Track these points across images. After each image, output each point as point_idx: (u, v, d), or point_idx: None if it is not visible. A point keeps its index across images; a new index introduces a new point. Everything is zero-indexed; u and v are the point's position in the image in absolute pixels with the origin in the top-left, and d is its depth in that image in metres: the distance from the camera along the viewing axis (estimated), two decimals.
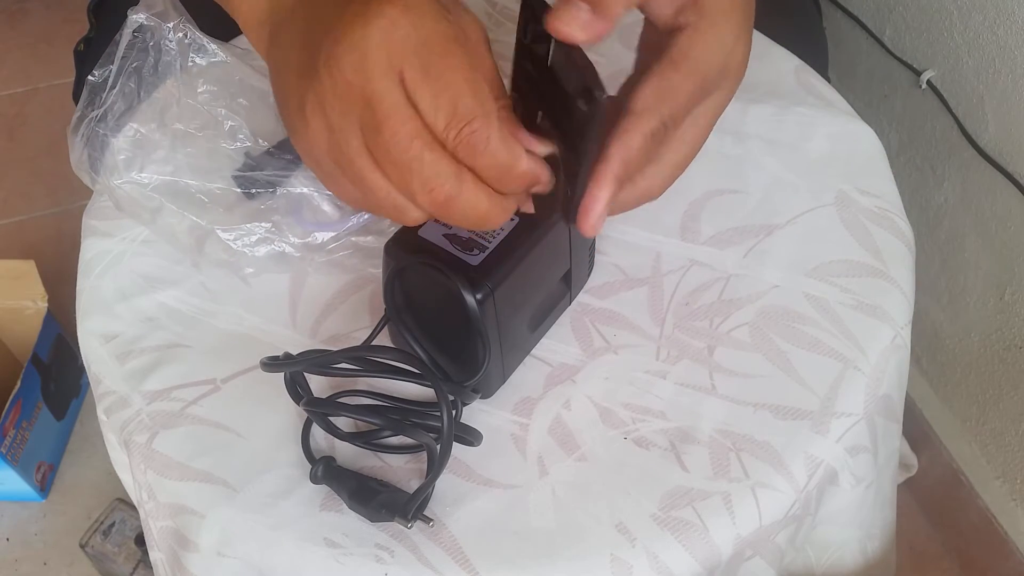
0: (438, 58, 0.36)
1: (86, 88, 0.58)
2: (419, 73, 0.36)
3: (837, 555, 0.59)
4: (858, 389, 0.52)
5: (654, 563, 0.47)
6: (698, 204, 0.61)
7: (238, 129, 0.58)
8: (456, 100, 0.36)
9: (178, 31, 0.57)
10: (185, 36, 0.58)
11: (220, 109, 0.58)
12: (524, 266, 0.47)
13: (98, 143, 0.57)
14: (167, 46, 0.57)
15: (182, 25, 0.57)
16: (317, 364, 0.48)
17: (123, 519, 1.06)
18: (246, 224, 0.57)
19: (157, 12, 0.57)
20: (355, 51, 0.37)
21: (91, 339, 0.57)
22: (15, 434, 1.10)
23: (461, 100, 0.36)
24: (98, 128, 0.57)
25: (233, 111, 0.58)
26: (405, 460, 0.51)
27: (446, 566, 0.46)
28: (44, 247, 1.42)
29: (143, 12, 0.57)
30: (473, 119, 0.36)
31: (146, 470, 0.52)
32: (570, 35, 0.36)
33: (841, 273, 0.57)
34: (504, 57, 0.40)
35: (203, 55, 0.58)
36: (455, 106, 0.36)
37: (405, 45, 0.36)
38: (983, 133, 0.87)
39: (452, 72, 0.36)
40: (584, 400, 0.52)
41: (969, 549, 1.06)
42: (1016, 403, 0.93)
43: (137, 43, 0.57)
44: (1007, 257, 0.89)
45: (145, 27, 0.57)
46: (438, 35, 0.36)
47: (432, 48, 0.36)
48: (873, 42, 0.99)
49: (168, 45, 0.57)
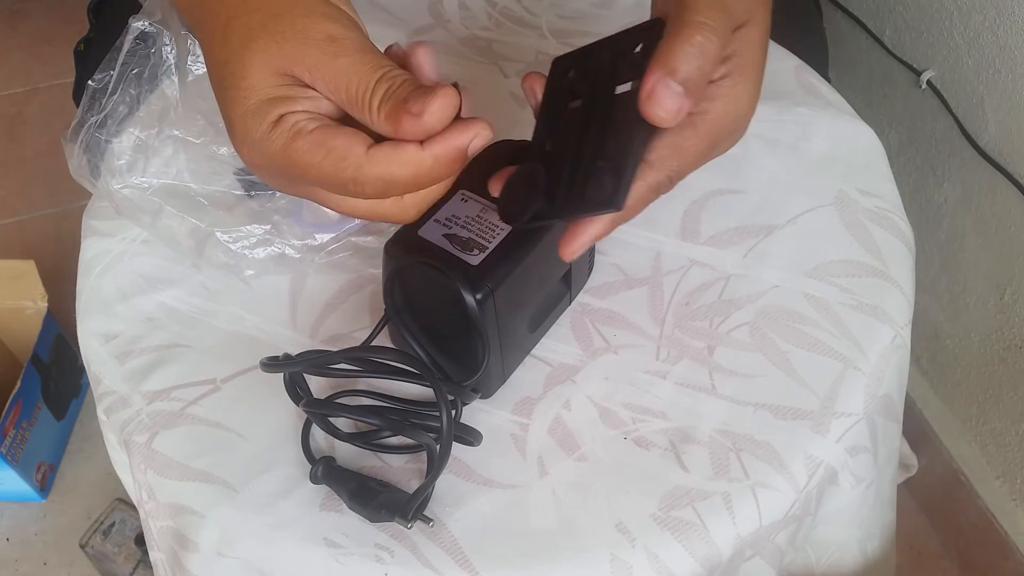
0: (292, 168, 0.39)
1: (86, 93, 0.58)
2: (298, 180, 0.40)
3: (837, 555, 0.59)
4: (858, 389, 0.52)
5: (654, 563, 0.47)
6: (698, 204, 0.61)
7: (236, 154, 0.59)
8: (332, 186, 0.39)
9: (178, 38, 0.58)
10: (186, 43, 0.58)
11: (220, 137, 0.58)
12: (524, 266, 0.47)
13: (98, 148, 0.57)
14: (167, 53, 0.58)
15: (183, 32, 0.58)
16: (316, 364, 0.48)
17: (123, 519, 1.06)
18: (246, 226, 0.58)
19: (158, 19, 0.57)
20: (260, 174, 0.41)
21: (91, 339, 0.57)
22: (15, 434, 1.10)
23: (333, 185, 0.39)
24: (98, 134, 0.57)
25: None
26: (405, 460, 0.51)
27: (446, 566, 0.46)
28: (44, 247, 1.42)
29: (144, 19, 0.57)
30: (350, 182, 0.38)
31: (146, 470, 0.52)
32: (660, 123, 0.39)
33: (841, 273, 0.57)
34: (505, 58, 0.40)
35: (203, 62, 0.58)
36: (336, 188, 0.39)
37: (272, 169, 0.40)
38: (983, 133, 0.87)
39: (308, 170, 0.38)
40: (584, 400, 0.52)
41: (969, 549, 1.06)
42: (1016, 403, 0.93)
43: (138, 49, 0.57)
44: (1007, 257, 0.89)
45: (146, 34, 0.57)
46: (277, 152, 0.39)
47: (282, 165, 0.39)
48: (873, 42, 0.99)
49: (168, 52, 0.58)
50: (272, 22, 0.39)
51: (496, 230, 0.47)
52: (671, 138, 0.41)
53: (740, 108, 0.42)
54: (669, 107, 0.38)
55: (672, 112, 0.38)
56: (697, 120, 0.41)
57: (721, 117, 0.41)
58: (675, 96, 0.38)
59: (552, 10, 0.74)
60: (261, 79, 0.38)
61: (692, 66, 0.38)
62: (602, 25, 0.72)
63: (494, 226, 0.47)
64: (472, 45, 0.71)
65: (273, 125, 0.38)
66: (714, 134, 0.42)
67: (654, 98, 0.38)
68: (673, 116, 0.38)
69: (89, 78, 0.58)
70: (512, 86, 0.68)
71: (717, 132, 0.42)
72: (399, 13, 0.74)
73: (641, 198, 0.41)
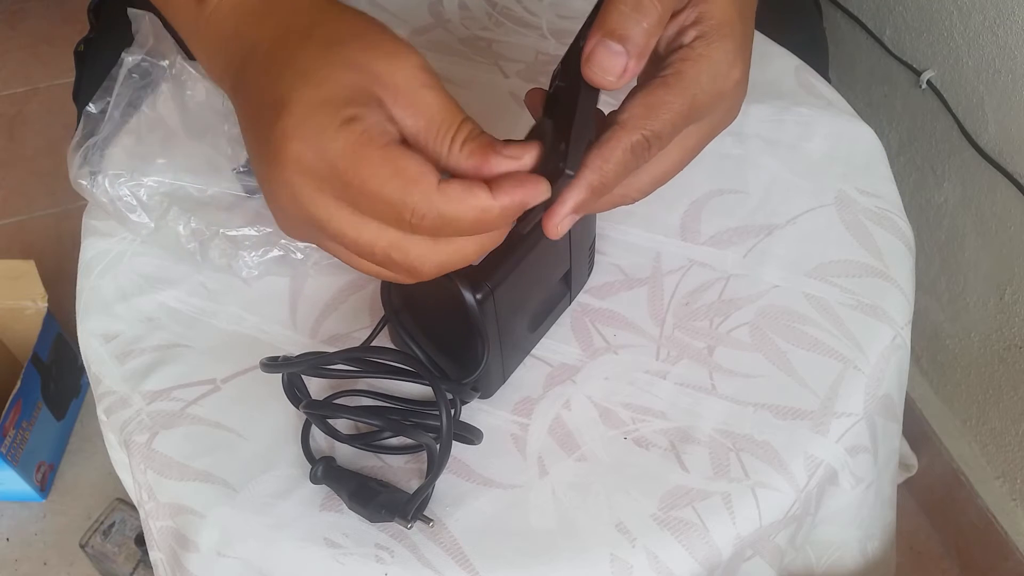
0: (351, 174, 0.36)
1: (83, 119, 0.58)
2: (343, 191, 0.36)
3: (837, 555, 0.59)
4: (858, 389, 0.52)
5: (654, 563, 0.47)
6: (698, 204, 0.61)
7: (237, 150, 0.59)
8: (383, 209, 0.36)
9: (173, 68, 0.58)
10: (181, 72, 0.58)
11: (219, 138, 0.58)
12: (524, 266, 0.47)
13: (97, 161, 0.58)
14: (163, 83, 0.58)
15: (177, 62, 0.58)
16: (315, 365, 0.48)
17: (123, 519, 1.06)
18: (247, 226, 0.58)
19: (151, 50, 0.57)
20: (283, 189, 0.37)
21: (91, 339, 0.57)
22: (15, 434, 1.10)
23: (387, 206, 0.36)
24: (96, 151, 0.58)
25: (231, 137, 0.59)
26: (405, 460, 0.51)
27: (446, 566, 0.46)
28: (44, 247, 1.42)
29: (138, 52, 0.57)
30: (410, 210, 0.36)
31: (146, 470, 0.52)
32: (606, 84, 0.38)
33: (841, 273, 0.57)
34: (505, 58, 0.40)
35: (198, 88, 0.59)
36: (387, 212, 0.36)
37: (318, 172, 0.36)
38: (983, 133, 0.87)
39: (369, 181, 0.35)
40: (584, 400, 0.52)
41: (969, 549, 1.06)
42: (1016, 403, 0.93)
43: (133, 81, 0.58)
44: (1007, 257, 0.89)
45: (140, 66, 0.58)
46: (339, 152, 0.36)
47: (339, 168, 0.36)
48: (873, 42, 0.99)
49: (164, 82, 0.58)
50: (366, 36, 0.37)
51: None
52: (642, 97, 0.40)
53: (719, 67, 0.41)
54: (609, 67, 0.38)
55: (614, 72, 0.38)
56: (671, 79, 0.40)
57: (698, 75, 0.40)
58: (614, 55, 0.37)
59: (552, 10, 0.74)
60: (340, 77, 0.36)
61: (628, 25, 0.38)
62: None
63: None
64: (472, 45, 0.71)
65: (344, 123, 0.35)
66: (692, 94, 0.40)
67: (593, 60, 0.38)
68: (617, 76, 0.38)
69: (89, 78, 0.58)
70: (512, 86, 0.68)
71: (695, 92, 0.41)
72: (399, 13, 0.74)
73: (618, 161, 0.39)
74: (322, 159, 0.36)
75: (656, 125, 0.40)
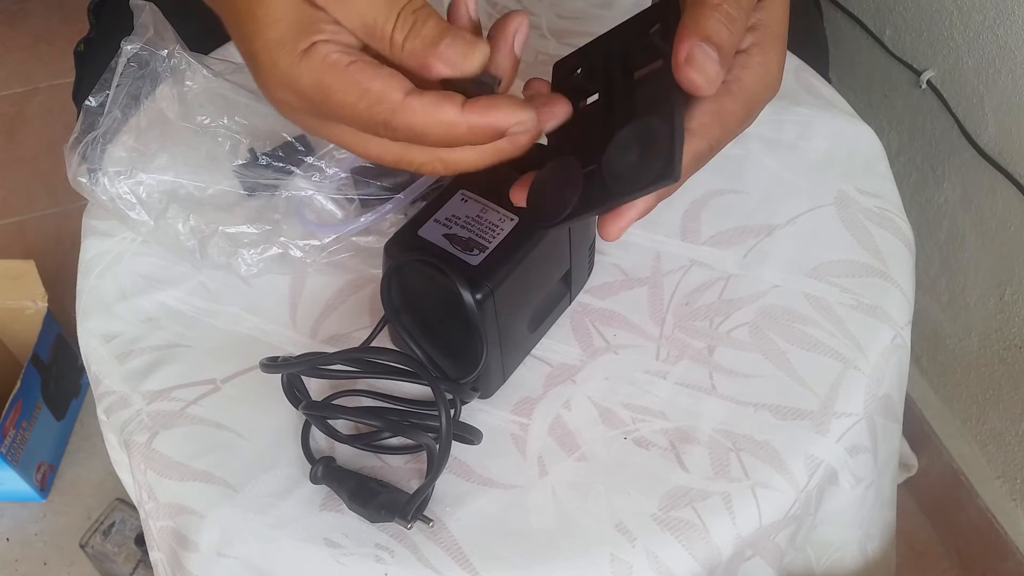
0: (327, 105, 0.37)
1: (83, 113, 0.58)
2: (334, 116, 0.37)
3: (837, 555, 0.59)
4: (858, 389, 0.52)
5: (654, 563, 0.47)
6: (698, 204, 0.61)
7: (236, 146, 0.59)
8: (366, 127, 0.37)
9: (172, 57, 0.58)
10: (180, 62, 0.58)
11: (219, 128, 0.58)
12: (524, 266, 0.47)
13: (96, 158, 0.57)
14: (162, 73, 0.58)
15: (176, 52, 0.58)
16: (315, 366, 0.48)
17: (123, 519, 1.06)
18: (246, 225, 0.58)
19: (150, 40, 0.57)
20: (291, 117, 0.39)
21: (91, 339, 0.57)
22: (15, 434, 1.10)
23: (366, 125, 0.37)
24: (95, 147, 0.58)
25: (231, 130, 0.59)
26: (405, 460, 0.51)
27: (446, 566, 0.46)
28: (44, 247, 1.42)
29: (137, 41, 0.57)
30: (382, 126, 0.36)
31: (146, 470, 0.52)
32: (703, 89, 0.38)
33: (841, 273, 0.57)
34: None
35: (197, 79, 0.59)
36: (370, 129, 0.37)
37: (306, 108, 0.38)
38: (983, 133, 0.87)
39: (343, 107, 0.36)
40: (584, 400, 0.52)
41: (969, 549, 1.06)
42: (1016, 403, 0.93)
43: (132, 71, 0.58)
44: (1007, 257, 0.89)
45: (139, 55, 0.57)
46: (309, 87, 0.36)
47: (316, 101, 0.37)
48: (873, 42, 0.99)
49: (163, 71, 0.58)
50: None
51: (496, 230, 0.47)
52: (711, 105, 0.40)
53: (770, 77, 0.42)
54: (708, 71, 0.37)
55: (711, 77, 0.38)
56: (733, 88, 0.41)
57: (755, 84, 0.41)
58: (712, 61, 0.37)
59: (552, 10, 0.74)
60: (282, 5, 0.36)
61: (723, 33, 0.38)
62: (602, 25, 0.72)
63: (494, 226, 0.47)
64: None
65: (303, 55, 0.36)
66: (751, 102, 0.41)
67: (693, 62, 0.37)
68: (712, 81, 0.38)
69: (89, 78, 0.58)
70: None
71: (753, 100, 0.41)
72: None
73: (686, 168, 0.40)
74: (301, 98, 0.37)
75: (720, 134, 0.40)
